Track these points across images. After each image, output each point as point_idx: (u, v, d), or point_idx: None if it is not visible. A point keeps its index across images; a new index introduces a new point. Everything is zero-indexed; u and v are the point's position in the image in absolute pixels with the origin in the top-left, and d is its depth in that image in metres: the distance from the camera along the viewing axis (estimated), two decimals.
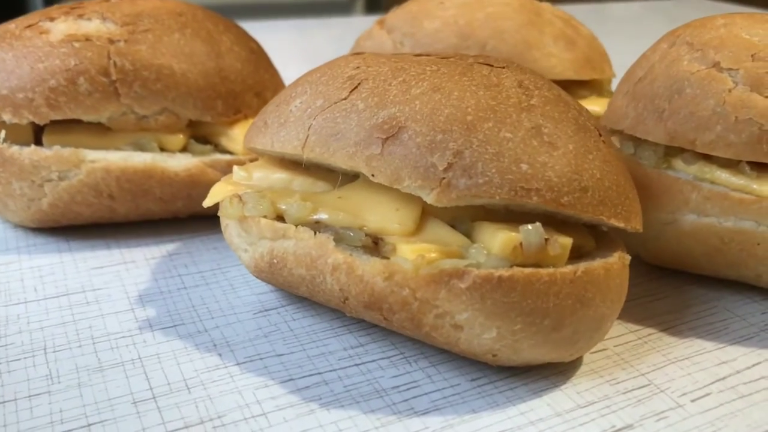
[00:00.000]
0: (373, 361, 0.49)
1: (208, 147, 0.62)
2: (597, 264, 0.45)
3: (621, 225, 0.46)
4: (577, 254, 0.47)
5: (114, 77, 0.58)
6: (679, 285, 0.60)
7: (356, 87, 0.48)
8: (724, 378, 0.49)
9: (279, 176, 0.52)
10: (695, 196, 0.54)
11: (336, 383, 0.47)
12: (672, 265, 0.59)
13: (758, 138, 0.51)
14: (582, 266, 0.44)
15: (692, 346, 0.52)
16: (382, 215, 0.46)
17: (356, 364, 0.49)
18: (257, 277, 0.52)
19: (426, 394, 0.46)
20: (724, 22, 0.56)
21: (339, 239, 0.47)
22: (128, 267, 0.59)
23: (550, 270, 0.43)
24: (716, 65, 0.54)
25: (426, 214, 0.47)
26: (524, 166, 0.43)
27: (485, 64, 0.50)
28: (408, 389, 0.47)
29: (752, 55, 0.53)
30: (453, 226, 0.47)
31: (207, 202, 0.51)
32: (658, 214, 0.56)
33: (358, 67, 0.50)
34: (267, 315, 0.53)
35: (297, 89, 0.52)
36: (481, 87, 0.46)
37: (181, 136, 0.61)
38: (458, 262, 0.43)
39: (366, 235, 0.46)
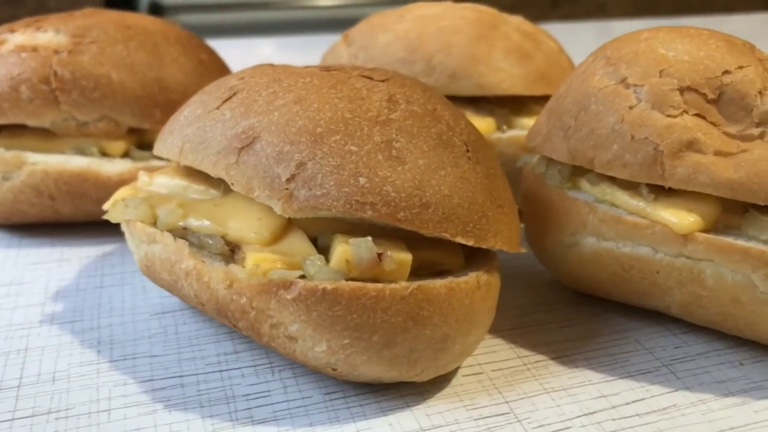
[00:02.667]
0: (239, 368, 0.50)
1: (148, 153, 0.65)
2: (438, 282, 0.44)
3: (470, 243, 0.44)
4: (437, 272, 0.46)
5: (54, 86, 0.61)
6: (598, 312, 0.57)
7: (230, 97, 0.49)
8: (593, 413, 0.46)
9: (177, 183, 0.54)
10: (592, 219, 0.51)
11: (191, 387, 0.48)
12: (585, 290, 0.56)
13: (653, 159, 0.48)
14: (416, 283, 0.43)
15: (578, 377, 0.49)
16: (243, 224, 0.47)
17: (220, 370, 0.49)
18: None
19: (272, 404, 0.46)
20: (648, 36, 0.53)
21: (201, 246, 0.48)
22: (61, 264, 0.63)
23: (379, 285, 0.42)
24: (623, 81, 0.51)
25: (292, 225, 0.47)
26: (362, 180, 0.43)
27: (365, 77, 0.49)
28: (257, 398, 0.47)
29: (661, 71, 0.50)
30: (316, 239, 0.47)
31: (106, 205, 0.54)
32: (561, 236, 0.53)
33: (242, 78, 0.51)
34: (161, 317, 0.55)
35: (192, 99, 0.54)
36: (344, 99, 0.46)
37: (122, 142, 0.64)
38: (287, 273, 0.43)
39: (226, 243, 0.47)
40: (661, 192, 0.49)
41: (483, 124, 0.66)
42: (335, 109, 0.46)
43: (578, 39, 1.57)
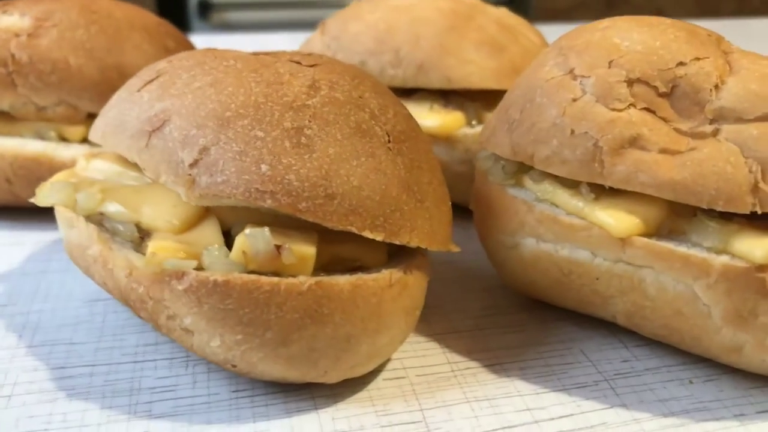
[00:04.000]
0: (154, 360, 0.48)
1: None
2: (341, 279, 0.41)
3: (379, 238, 0.41)
4: (354, 268, 0.43)
5: (11, 68, 0.61)
6: (549, 320, 0.53)
7: (152, 80, 0.47)
8: (512, 426, 0.43)
9: (112, 168, 0.52)
10: (530, 219, 0.47)
11: (100, 377, 0.46)
12: (530, 294, 0.53)
13: (592, 155, 0.44)
14: (315, 279, 0.40)
15: (507, 387, 0.46)
16: (157, 210, 0.45)
17: (134, 361, 0.48)
18: None
19: (176, 399, 0.44)
20: (607, 25, 0.50)
21: (114, 233, 0.46)
22: (13, 248, 0.62)
23: (274, 279, 0.40)
24: (571, 72, 0.47)
25: (208, 213, 0.45)
26: (264, 167, 0.41)
27: (294, 62, 0.47)
28: (162, 392, 0.45)
29: (610, 62, 0.46)
30: (230, 228, 0.45)
31: (38, 189, 0.53)
32: (502, 236, 0.50)
33: (170, 61, 0.49)
34: (93, 305, 0.54)
35: (128, 82, 0.52)
36: (262, 84, 0.44)
37: (81, 127, 0.64)
38: (181, 263, 0.41)
39: (140, 230, 0.45)
40: (604, 192, 0.45)
41: (450, 118, 0.63)
42: (249, 93, 0.43)
43: None
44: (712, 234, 0.42)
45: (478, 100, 0.65)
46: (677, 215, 0.44)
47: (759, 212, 0.41)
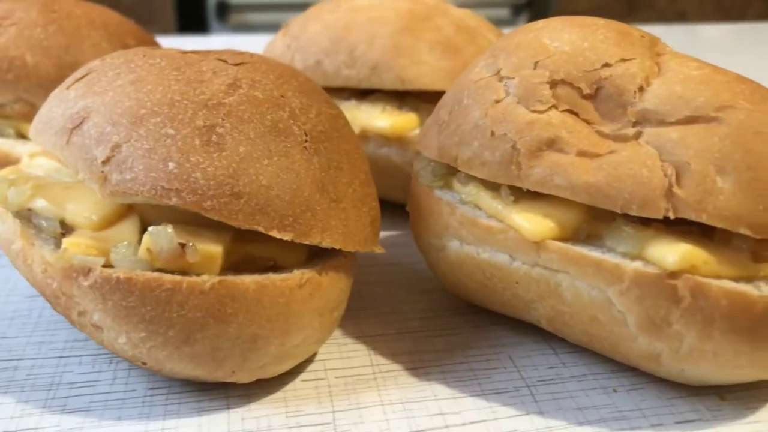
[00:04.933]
0: (79, 356, 0.48)
1: None
2: (247, 278, 0.41)
3: (288, 238, 0.41)
4: (265, 268, 0.43)
5: None
6: (483, 324, 0.52)
7: (82, 78, 0.48)
8: (421, 430, 0.42)
9: (52, 165, 0.53)
10: (452, 221, 0.47)
11: (23, 371, 0.47)
12: (461, 297, 0.52)
13: (510, 157, 0.44)
14: (218, 278, 0.40)
15: (425, 391, 0.46)
16: (79, 207, 0.46)
17: (60, 357, 0.48)
18: None
19: (92, 395, 0.45)
20: (542, 26, 0.49)
21: (41, 229, 0.47)
22: None
23: (176, 277, 0.40)
24: (498, 73, 0.47)
25: (130, 211, 0.45)
26: (171, 165, 0.41)
27: (221, 60, 0.47)
28: (80, 387, 0.45)
29: (536, 63, 0.45)
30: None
31: None
32: (430, 238, 0.49)
33: (103, 60, 0.50)
34: (33, 300, 0.54)
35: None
36: (181, 82, 0.44)
37: None
38: (88, 259, 0.41)
39: (64, 226, 0.46)
40: (524, 195, 0.45)
41: (402, 119, 0.62)
42: (167, 90, 0.44)
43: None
44: (626, 239, 0.41)
45: (434, 101, 0.64)
46: (597, 220, 0.43)
47: (672, 217, 0.40)
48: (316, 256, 0.45)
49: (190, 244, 0.40)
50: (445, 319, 0.53)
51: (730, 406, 0.45)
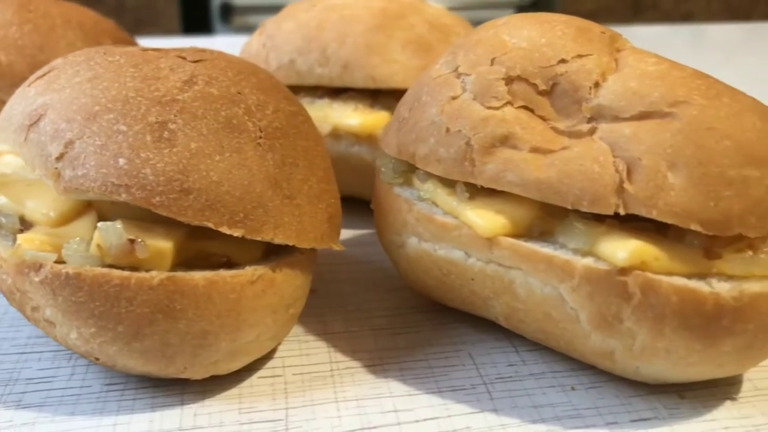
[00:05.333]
0: (40, 352, 0.48)
1: None
2: (196, 274, 0.41)
3: (238, 234, 0.41)
4: (220, 264, 0.43)
5: None
6: (447, 322, 0.52)
7: (44, 75, 0.48)
8: (373, 427, 0.42)
9: (19, 162, 0.53)
10: (410, 218, 0.47)
11: None
12: (424, 294, 0.52)
13: (464, 154, 0.44)
14: (167, 274, 0.40)
15: (381, 388, 0.45)
16: (39, 203, 0.46)
17: (22, 353, 0.48)
18: None
19: (49, 390, 0.45)
20: (503, 22, 0.49)
21: (1, 225, 0.47)
22: None
23: (125, 273, 0.40)
24: (456, 69, 0.47)
25: (90, 207, 0.46)
26: (122, 161, 0.41)
27: (180, 57, 0.47)
28: (38, 383, 0.46)
29: (493, 59, 0.45)
30: None
31: None
32: (391, 235, 0.49)
33: (66, 57, 0.50)
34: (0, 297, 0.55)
35: None
36: (137, 78, 0.45)
37: None
38: (40, 255, 0.41)
39: (23, 222, 0.46)
40: (479, 191, 0.44)
41: (372, 118, 0.62)
42: (122, 87, 0.44)
43: (670, 44, 1.50)
44: (578, 235, 0.41)
45: None
46: (551, 216, 0.43)
47: (622, 213, 0.40)
48: (274, 253, 0.45)
49: (139, 240, 0.41)
50: (409, 317, 0.53)
51: (688, 404, 0.44)
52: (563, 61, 0.44)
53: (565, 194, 0.41)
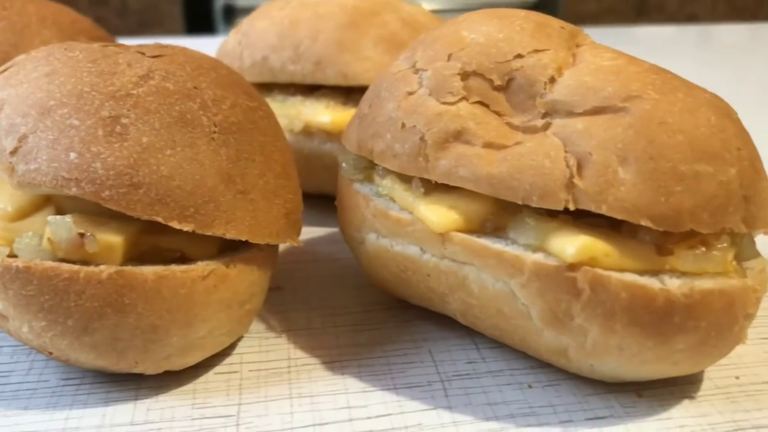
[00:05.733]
0: (2, 347, 0.49)
1: None
2: (146, 269, 0.41)
3: (189, 228, 0.41)
4: (174, 259, 0.43)
5: None
6: (410, 319, 0.52)
7: (5, 70, 0.48)
8: (324, 423, 0.42)
9: None
10: (368, 213, 0.47)
11: None
12: (386, 291, 0.51)
13: (418, 149, 0.43)
14: (115, 268, 0.40)
15: (336, 384, 0.45)
16: None
17: None
18: None
19: (5, 384, 0.45)
20: (464, 18, 0.48)
21: None
22: None
23: (74, 267, 0.40)
24: (414, 65, 0.46)
25: (49, 202, 0.46)
26: (73, 155, 0.41)
27: (139, 53, 0.47)
28: None
29: (450, 55, 0.45)
30: None
31: None
32: (351, 231, 0.49)
33: (29, 54, 0.50)
34: None
35: None
36: (94, 74, 0.45)
37: None
38: None
39: None
40: (436, 187, 0.44)
41: (343, 115, 0.62)
42: (78, 82, 0.44)
43: (677, 45, 1.49)
44: (529, 231, 0.41)
45: None
46: (504, 212, 0.43)
47: (571, 209, 0.39)
48: (231, 249, 0.45)
49: (89, 234, 0.41)
50: (372, 314, 0.53)
51: (645, 403, 0.44)
52: (519, 56, 0.44)
53: (516, 189, 0.40)
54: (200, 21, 2.82)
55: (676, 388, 0.45)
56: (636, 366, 0.41)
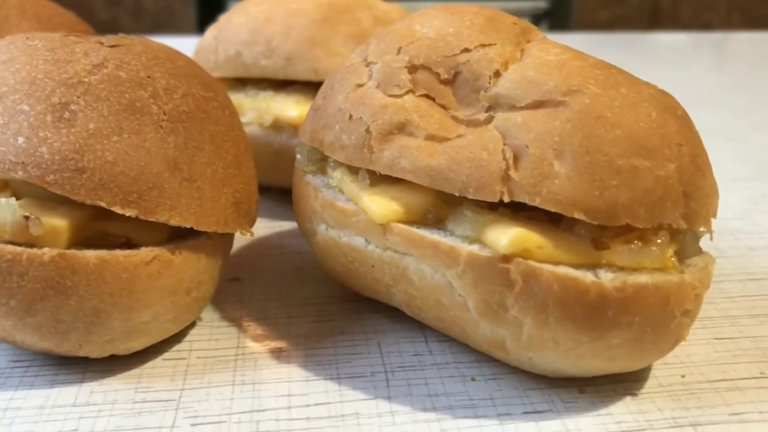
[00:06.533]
0: None
1: None
2: (88, 253, 0.41)
3: (132, 214, 0.42)
4: (119, 244, 0.44)
5: None
6: (364, 312, 0.52)
7: None
8: (263, 410, 0.42)
9: None
10: (316, 204, 0.47)
11: None
12: (339, 283, 0.52)
13: (363, 140, 0.44)
14: (58, 251, 0.41)
15: (280, 373, 0.46)
16: None
17: None
18: None
19: None
20: (419, 13, 0.49)
21: None
22: None
23: (18, 249, 0.41)
24: (366, 58, 0.47)
25: (7, 187, 0.46)
26: (20, 140, 0.42)
27: (98, 42, 0.48)
28: None
29: (399, 48, 0.46)
30: None
31: None
32: (304, 223, 0.49)
33: None
34: None
35: None
36: (49, 62, 0.45)
37: None
38: None
39: None
40: (382, 179, 0.44)
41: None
42: (32, 69, 0.45)
43: (692, 52, 1.49)
44: (465, 222, 0.41)
45: None
46: (447, 204, 0.43)
47: (506, 201, 0.39)
48: (181, 237, 0.46)
49: (34, 217, 0.41)
50: (327, 307, 0.53)
51: (586, 399, 0.44)
52: (466, 50, 0.44)
53: (453, 181, 0.40)
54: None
55: (620, 385, 0.45)
56: (573, 360, 0.41)
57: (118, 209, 0.42)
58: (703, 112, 0.97)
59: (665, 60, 1.49)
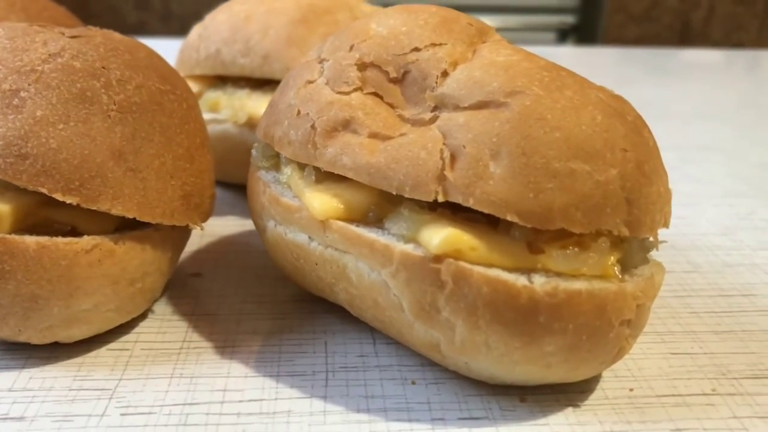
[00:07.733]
0: None
1: None
2: (28, 239, 0.42)
3: (73, 201, 0.42)
4: (64, 232, 0.44)
5: None
6: (317, 311, 0.52)
7: None
8: (194, 404, 0.42)
9: None
10: (264, 200, 0.47)
11: None
12: (290, 281, 0.51)
13: (308, 136, 0.44)
14: None
15: (221, 368, 0.45)
16: None
17: None
18: None
19: None
20: (378, 12, 0.48)
21: None
22: None
23: None
24: (320, 55, 0.47)
25: None
26: None
27: (60, 33, 0.49)
28: None
29: (352, 45, 0.45)
30: None
31: None
32: (256, 219, 0.49)
33: None
34: None
35: None
36: (7, 50, 0.46)
37: None
38: None
39: None
40: (328, 176, 0.44)
41: None
42: None
43: (730, 70, 1.47)
44: (402, 222, 0.41)
45: None
46: (388, 203, 0.42)
47: (440, 200, 0.39)
48: (130, 228, 0.46)
49: None
50: (281, 305, 0.53)
51: (526, 408, 0.43)
52: (416, 49, 0.44)
53: (391, 179, 0.40)
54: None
55: (563, 396, 0.44)
56: (508, 366, 0.40)
57: (59, 196, 0.42)
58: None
59: (696, 77, 1.46)
